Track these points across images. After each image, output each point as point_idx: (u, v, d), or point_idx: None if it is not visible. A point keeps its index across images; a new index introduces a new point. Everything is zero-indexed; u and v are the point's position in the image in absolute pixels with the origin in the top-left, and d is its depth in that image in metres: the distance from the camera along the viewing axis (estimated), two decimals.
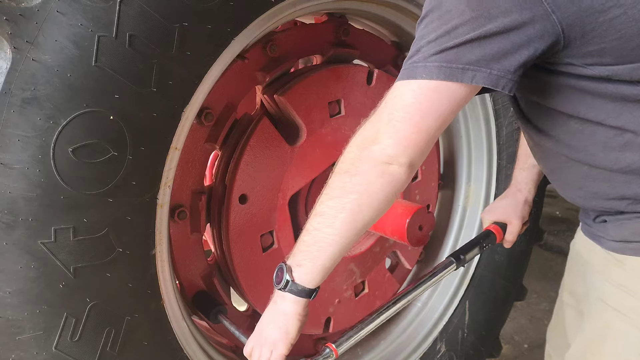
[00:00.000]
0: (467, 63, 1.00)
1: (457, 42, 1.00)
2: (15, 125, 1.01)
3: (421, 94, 1.04)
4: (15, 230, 1.05)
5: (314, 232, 1.13)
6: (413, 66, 1.05)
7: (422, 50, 1.04)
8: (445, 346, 2.14)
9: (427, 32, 1.04)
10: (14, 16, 0.98)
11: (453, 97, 1.05)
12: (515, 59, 1.00)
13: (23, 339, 1.12)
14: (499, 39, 0.99)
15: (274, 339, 1.18)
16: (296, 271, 1.15)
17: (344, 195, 1.10)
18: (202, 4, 1.15)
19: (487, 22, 0.98)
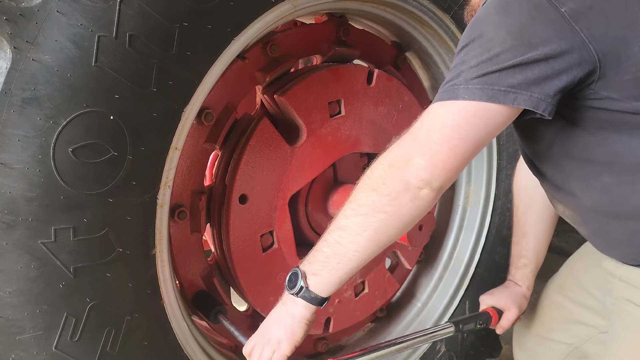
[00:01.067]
0: (509, 86, 1.02)
1: (499, 67, 1.02)
2: (16, 125, 1.01)
3: (461, 116, 1.05)
4: (15, 230, 1.05)
5: (335, 245, 1.14)
6: (454, 88, 1.06)
7: (463, 74, 1.06)
8: (445, 346, 2.14)
9: (469, 58, 1.06)
10: (14, 16, 0.98)
11: (492, 120, 1.06)
12: (554, 84, 1.04)
13: (23, 339, 1.12)
14: (540, 65, 1.02)
15: (279, 338, 1.18)
16: (311, 279, 1.16)
17: (371, 213, 1.10)
18: (202, 4, 1.16)
19: (528, 50, 1.02)
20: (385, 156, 1.12)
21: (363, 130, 1.77)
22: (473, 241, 2.13)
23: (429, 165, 1.06)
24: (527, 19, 1.04)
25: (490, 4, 1.10)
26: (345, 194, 1.80)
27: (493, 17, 1.07)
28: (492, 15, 1.07)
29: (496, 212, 2.12)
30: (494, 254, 2.16)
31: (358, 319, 1.95)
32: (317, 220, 1.86)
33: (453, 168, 1.07)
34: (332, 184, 1.86)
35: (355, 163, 1.92)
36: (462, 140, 1.05)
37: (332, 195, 1.83)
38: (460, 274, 2.14)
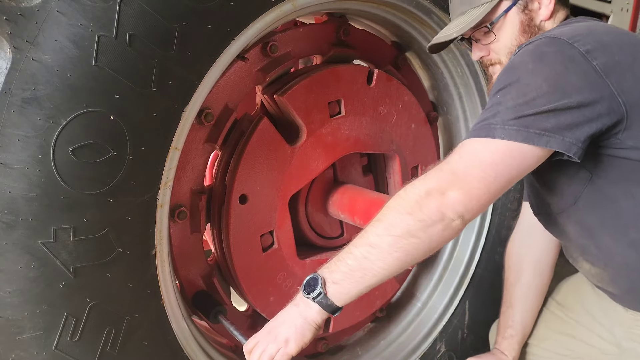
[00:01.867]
0: (543, 129, 1.09)
1: (535, 111, 1.10)
2: (16, 125, 1.01)
3: (498, 155, 1.11)
4: (16, 230, 1.05)
5: (362, 260, 1.15)
6: (490, 126, 1.12)
7: (499, 114, 1.12)
8: (445, 346, 2.14)
9: (505, 100, 1.13)
10: (14, 16, 0.98)
11: (525, 161, 1.12)
12: (585, 130, 1.11)
13: (23, 339, 1.12)
14: (573, 112, 1.10)
15: (287, 337, 1.18)
16: (331, 287, 1.18)
17: (404, 236, 1.13)
18: (202, 4, 1.16)
19: (562, 97, 1.10)
20: (422, 182, 1.15)
21: (363, 130, 1.77)
22: (473, 241, 2.13)
23: (464, 199, 1.11)
24: (562, 69, 1.13)
25: (526, 53, 1.19)
26: (345, 194, 1.81)
27: (529, 65, 1.15)
28: (528, 63, 1.16)
29: (496, 212, 2.12)
30: (493, 254, 2.15)
31: (358, 319, 1.95)
32: (317, 220, 1.86)
33: (485, 203, 1.13)
34: (332, 184, 1.86)
35: (355, 163, 1.92)
36: (497, 179, 1.11)
37: (332, 195, 1.83)
38: (460, 274, 2.14)
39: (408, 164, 1.96)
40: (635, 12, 3.05)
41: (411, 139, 1.93)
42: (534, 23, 1.38)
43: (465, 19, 1.41)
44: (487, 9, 1.36)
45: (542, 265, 1.71)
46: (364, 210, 1.73)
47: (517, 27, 1.38)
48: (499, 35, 1.40)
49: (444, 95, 2.09)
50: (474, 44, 1.46)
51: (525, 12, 1.38)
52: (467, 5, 1.42)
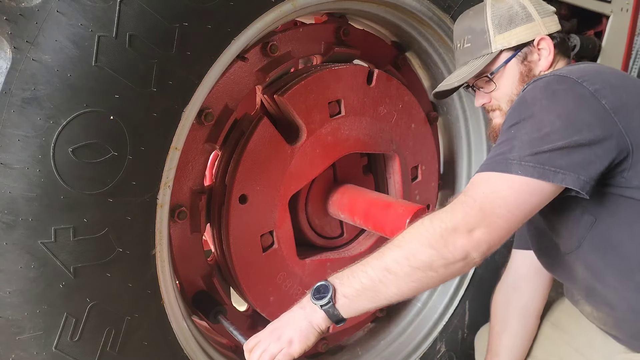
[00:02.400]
0: (558, 167, 1.13)
1: (549, 148, 1.13)
2: (16, 125, 1.01)
3: (521, 195, 1.14)
4: (16, 230, 1.05)
5: (377, 283, 1.16)
6: (508, 162, 1.15)
7: (515, 149, 1.16)
8: (445, 346, 2.14)
9: (520, 135, 1.17)
10: (14, 16, 0.98)
11: (541, 197, 1.15)
12: (597, 167, 1.15)
13: (23, 339, 1.12)
14: (584, 149, 1.14)
15: (291, 337, 1.19)
16: (341, 299, 1.19)
17: (424, 269, 1.14)
18: (202, 4, 1.16)
19: (575, 133, 1.13)
20: (448, 216, 1.15)
21: (363, 130, 1.77)
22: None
23: (489, 238, 1.13)
24: (574, 107, 1.17)
25: (538, 90, 1.23)
26: (345, 194, 1.81)
27: (542, 102, 1.19)
28: (541, 100, 1.20)
29: None
30: (494, 254, 2.13)
31: (358, 319, 1.95)
32: (317, 220, 1.86)
33: (503, 240, 1.16)
34: (332, 183, 1.86)
35: (355, 163, 1.92)
36: (518, 217, 1.15)
37: (332, 195, 1.83)
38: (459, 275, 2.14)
39: (408, 164, 1.96)
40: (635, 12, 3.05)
41: (411, 139, 1.93)
42: (533, 73, 1.44)
43: (467, 68, 1.49)
44: (487, 60, 1.44)
45: (528, 315, 1.73)
46: (364, 210, 1.73)
47: (517, 77, 1.45)
48: (499, 84, 1.47)
49: None
50: (477, 92, 1.54)
51: (524, 63, 1.44)
52: (469, 56, 1.49)
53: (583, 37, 2.82)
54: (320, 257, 1.82)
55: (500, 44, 1.44)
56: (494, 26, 1.44)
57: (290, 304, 1.69)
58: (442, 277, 1.16)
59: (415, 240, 1.15)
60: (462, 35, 1.51)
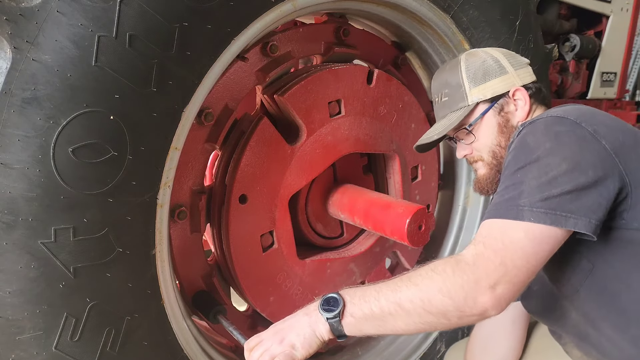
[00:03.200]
0: (569, 211, 1.12)
1: (559, 192, 1.13)
2: (16, 125, 1.01)
3: (537, 243, 1.12)
4: (16, 230, 1.05)
5: (387, 315, 1.15)
6: (519, 208, 1.14)
7: (524, 194, 1.15)
8: (445, 346, 2.14)
9: (527, 180, 1.16)
10: (14, 16, 0.98)
11: (555, 242, 1.14)
12: (604, 208, 1.15)
13: (23, 339, 1.12)
14: (592, 191, 1.14)
15: (294, 342, 1.19)
16: (347, 318, 1.18)
17: (437, 316, 1.12)
18: (202, 4, 1.15)
19: (581, 175, 1.14)
20: (470, 268, 1.12)
21: (363, 130, 1.77)
22: None
23: (511, 295, 1.12)
24: (577, 148, 1.17)
25: (538, 133, 1.22)
26: (345, 194, 1.81)
27: (546, 145, 1.19)
28: (545, 143, 1.19)
29: None
30: None
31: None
32: (317, 220, 1.86)
33: (522, 289, 1.14)
34: (332, 184, 1.86)
35: (355, 163, 1.92)
36: (536, 267, 1.13)
37: (332, 195, 1.83)
38: None
39: (408, 164, 1.96)
40: (635, 12, 3.05)
41: (411, 139, 1.93)
42: (511, 124, 1.47)
43: (445, 122, 1.51)
44: (464, 113, 1.47)
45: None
46: (364, 210, 1.73)
47: (495, 128, 1.47)
48: (478, 135, 1.49)
49: None
50: (458, 143, 1.56)
51: (501, 114, 1.47)
52: (447, 109, 1.52)
53: (583, 37, 2.82)
54: (320, 257, 1.82)
55: (476, 97, 1.47)
56: (469, 80, 1.48)
57: (290, 304, 1.71)
58: (453, 325, 1.15)
59: (435, 286, 1.13)
60: (440, 89, 1.55)
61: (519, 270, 1.11)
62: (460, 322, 1.14)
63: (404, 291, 1.15)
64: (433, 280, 1.14)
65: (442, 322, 1.13)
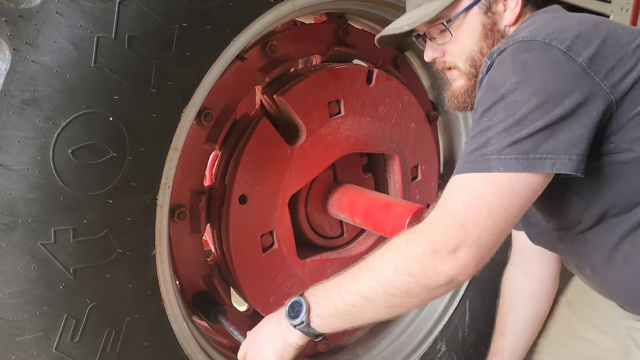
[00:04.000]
0: (545, 152, 0.98)
1: (529, 132, 0.98)
2: (15, 127, 1.01)
3: (503, 193, 0.98)
4: (15, 232, 1.05)
5: (352, 308, 1.07)
6: (485, 158, 1.00)
7: (491, 141, 1.00)
8: (445, 345, 2.14)
9: (494, 123, 1.01)
10: (13, 17, 0.98)
11: (531, 192, 1.00)
12: (586, 139, 1.00)
13: (23, 340, 1.12)
14: (570, 122, 0.99)
15: (266, 357, 1.18)
16: (315, 319, 1.12)
17: (402, 296, 1.03)
18: (201, 4, 1.15)
19: (554, 106, 0.98)
20: (426, 238, 1.01)
21: (363, 130, 1.77)
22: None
23: (477, 257, 0.99)
24: (548, 75, 1.01)
25: (505, 66, 1.06)
26: (345, 194, 1.81)
27: (512, 78, 1.03)
28: (510, 77, 1.03)
29: None
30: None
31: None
32: (317, 220, 1.86)
33: (495, 250, 1.02)
34: (332, 183, 1.86)
35: (355, 163, 1.92)
36: (508, 222, 1.00)
37: (332, 195, 1.83)
38: None
39: (408, 164, 1.96)
40: (635, 12, 3.05)
41: (411, 139, 1.93)
42: (497, 28, 1.26)
43: (420, 11, 1.28)
44: (445, 3, 1.24)
45: (538, 297, 1.63)
46: (364, 210, 1.73)
47: (478, 31, 1.26)
48: (456, 35, 1.27)
49: (444, 94, 2.08)
50: (428, 43, 1.33)
51: (488, 14, 1.26)
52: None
53: None
54: (320, 257, 1.82)
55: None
56: None
57: None
58: (424, 301, 1.06)
59: (390, 266, 1.03)
60: None
61: (483, 230, 0.98)
62: (430, 296, 1.04)
63: (362, 278, 1.06)
64: (388, 260, 1.04)
65: (410, 300, 1.04)
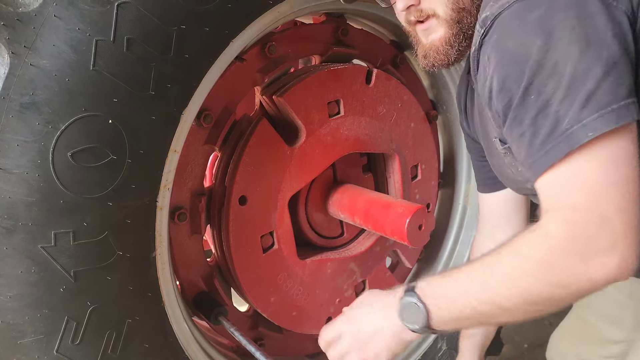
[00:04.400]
0: (624, 96, 0.85)
1: (595, 81, 0.85)
2: (14, 130, 1.01)
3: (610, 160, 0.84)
4: (15, 235, 1.05)
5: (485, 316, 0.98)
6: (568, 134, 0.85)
7: (561, 114, 0.86)
8: (446, 344, 2.14)
9: (549, 96, 0.87)
10: (11, 21, 0.98)
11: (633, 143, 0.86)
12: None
13: (24, 343, 1.13)
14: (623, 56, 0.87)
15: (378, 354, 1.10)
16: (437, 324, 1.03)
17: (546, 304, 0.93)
18: (199, 6, 1.15)
19: (600, 46, 0.86)
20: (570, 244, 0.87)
21: (362, 130, 1.77)
22: (473, 240, 2.13)
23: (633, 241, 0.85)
24: (572, 22, 0.88)
25: (516, 32, 0.93)
26: (345, 194, 1.81)
27: (536, 42, 0.89)
28: (532, 42, 0.90)
29: None
30: None
31: None
32: (317, 221, 1.86)
33: None
34: (332, 184, 1.86)
35: (355, 163, 1.92)
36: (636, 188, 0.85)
37: (332, 195, 1.83)
38: None
39: (408, 163, 1.95)
40: None
41: (411, 138, 1.93)
42: None
43: None
44: None
45: None
46: (364, 210, 1.73)
47: None
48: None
49: (444, 93, 2.08)
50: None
51: None
52: None
53: None
54: (320, 257, 1.82)
55: None
56: None
57: (291, 304, 1.71)
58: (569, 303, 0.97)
59: (533, 278, 0.90)
60: None
61: (623, 210, 0.83)
62: (578, 298, 0.93)
63: (497, 288, 0.95)
64: (528, 273, 0.91)
65: (556, 305, 0.93)
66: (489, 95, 0.99)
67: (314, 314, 1.80)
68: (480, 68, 1.03)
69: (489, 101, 1.01)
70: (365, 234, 1.97)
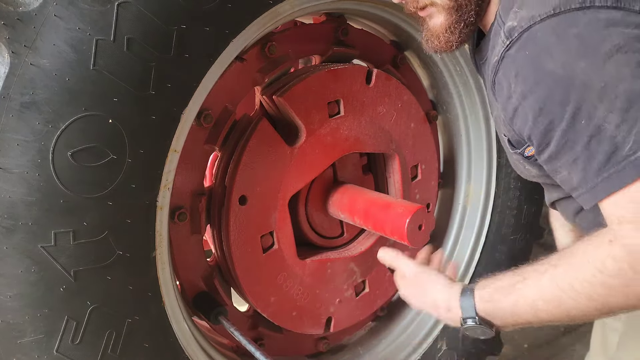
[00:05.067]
0: None
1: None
2: (14, 130, 1.01)
3: None
4: (15, 235, 1.05)
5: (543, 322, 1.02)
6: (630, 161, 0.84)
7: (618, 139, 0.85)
8: (446, 344, 2.14)
9: (602, 117, 0.85)
10: (11, 21, 0.98)
11: None
12: None
13: (24, 343, 1.13)
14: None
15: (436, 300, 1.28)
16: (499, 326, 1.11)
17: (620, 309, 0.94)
18: (200, 6, 1.15)
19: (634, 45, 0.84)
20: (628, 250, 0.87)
21: (362, 130, 1.77)
22: (473, 240, 2.13)
23: None
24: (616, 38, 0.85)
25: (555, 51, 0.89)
26: (345, 194, 1.81)
27: (579, 64, 0.86)
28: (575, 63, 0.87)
29: (496, 211, 2.12)
30: (494, 252, 2.15)
31: (359, 318, 1.95)
32: (317, 220, 1.86)
33: None
34: (332, 184, 1.86)
35: (355, 163, 1.92)
36: None
37: (332, 195, 1.83)
38: (460, 273, 2.14)
39: (408, 163, 1.95)
40: None
41: (411, 138, 1.93)
42: None
43: None
44: None
45: None
46: (364, 210, 1.73)
47: None
48: None
49: (444, 94, 2.08)
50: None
51: None
52: None
53: None
54: (320, 257, 1.82)
55: None
56: None
57: (291, 304, 1.71)
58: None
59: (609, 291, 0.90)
60: None
61: None
62: None
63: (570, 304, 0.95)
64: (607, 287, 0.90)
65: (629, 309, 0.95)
66: (513, 114, 0.98)
67: (314, 314, 1.80)
68: (504, 82, 0.99)
69: (512, 120, 0.99)
70: (365, 234, 1.97)
